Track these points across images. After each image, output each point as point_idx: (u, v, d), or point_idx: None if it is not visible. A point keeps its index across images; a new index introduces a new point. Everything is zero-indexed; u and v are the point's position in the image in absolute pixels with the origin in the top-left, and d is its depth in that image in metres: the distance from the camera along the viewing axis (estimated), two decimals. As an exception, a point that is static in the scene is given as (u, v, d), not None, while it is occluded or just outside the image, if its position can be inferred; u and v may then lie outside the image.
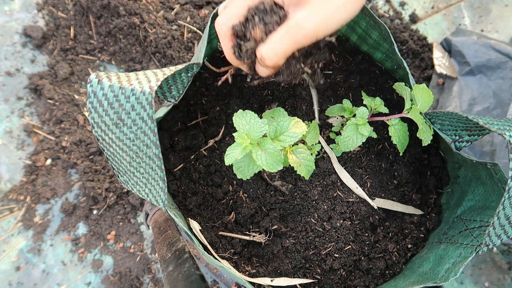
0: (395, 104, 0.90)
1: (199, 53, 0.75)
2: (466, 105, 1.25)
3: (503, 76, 1.24)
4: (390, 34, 0.75)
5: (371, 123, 0.79)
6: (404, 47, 1.38)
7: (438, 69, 1.30)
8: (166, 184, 0.61)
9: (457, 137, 0.75)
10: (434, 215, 0.88)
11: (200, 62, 0.71)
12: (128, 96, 0.54)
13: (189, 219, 0.77)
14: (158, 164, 0.59)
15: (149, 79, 0.56)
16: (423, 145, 0.75)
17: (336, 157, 0.84)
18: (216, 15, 0.77)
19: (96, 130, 0.59)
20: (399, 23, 1.47)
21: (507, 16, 1.49)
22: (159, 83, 0.55)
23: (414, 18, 1.48)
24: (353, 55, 0.93)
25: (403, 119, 0.77)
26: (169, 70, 0.61)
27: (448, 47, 1.37)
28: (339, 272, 0.81)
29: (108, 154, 0.63)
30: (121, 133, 0.58)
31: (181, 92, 0.76)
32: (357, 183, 0.84)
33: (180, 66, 0.65)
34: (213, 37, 0.79)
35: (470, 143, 0.74)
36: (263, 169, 0.82)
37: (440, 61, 1.32)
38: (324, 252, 0.81)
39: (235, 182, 0.84)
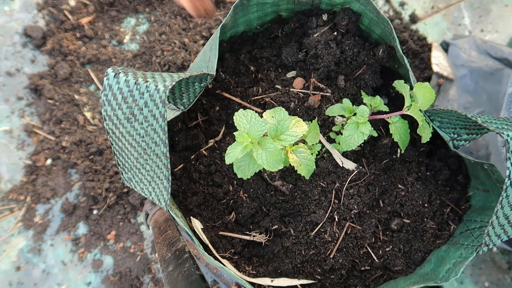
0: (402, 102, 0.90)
1: (208, 63, 0.76)
2: (461, 109, 1.25)
3: (499, 82, 1.24)
4: (393, 30, 0.76)
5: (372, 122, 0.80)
6: (404, 47, 1.38)
7: (435, 68, 1.30)
8: (170, 183, 0.61)
9: (456, 135, 0.75)
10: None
11: (214, 74, 0.72)
12: (142, 92, 0.55)
13: (191, 217, 0.77)
14: (164, 162, 0.59)
15: (164, 79, 0.57)
16: (422, 142, 0.75)
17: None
18: (224, 26, 0.78)
19: (107, 123, 0.60)
20: (399, 23, 1.47)
21: (507, 16, 1.50)
22: (174, 83, 0.56)
23: (414, 18, 1.48)
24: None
25: (404, 117, 0.77)
26: (184, 74, 0.63)
27: (446, 50, 1.38)
28: (339, 272, 0.81)
29: (116, 148, 0.64)
30: (131, 128, 0.59)
31: (191, 100, 0.77)
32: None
33: (195, 73, 0.66)
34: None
35: (468, 141, 0.74)
36: (263, 169, 0.82)
37: (438, 61, 1.32)
38: (325, 252, 0.81)
39: (235, 182, 0.84)
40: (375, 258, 0.82)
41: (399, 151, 0.88)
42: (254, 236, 0.81)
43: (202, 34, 1.38)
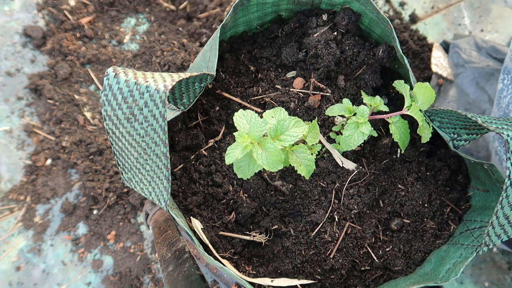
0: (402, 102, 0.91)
1: (208, 63, 0.76)
2: (462, 110, 1.25)
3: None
4: (393, 30, 0.76)
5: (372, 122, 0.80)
6: (404, 47, 1.38)
7: (434, 68, 1.30)
8: (170, 183, 0.61)
9: (456, 135, 0.75)
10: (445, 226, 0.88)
11: (214, 74, 0.72)
12: (142, 92, 0.55)
13: (191, 217, 0.77)
14: (164, 162, 0.60)
15: (164, 79, 0.57)
16: (422, 142, 0.75)
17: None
18: (224, 26, 0.78)
19: (107, 123, 0.60)
20: (399, 23, 1.47)
21: (507, 16, 1.50)
22: (174, 83, 0.56)
23: (414, 18, 1.48)
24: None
25: (404, 117, 0.77)
26: (184, 74, 0.63)
27: (446, 50, 1.37)
28: (339, 272, 0.81)
29: (116, 148, 0.64)
30: (131, 128, 0.59)
31: (191, 100, 0.77)
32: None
33: (195, 73, 0.66)
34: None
35: (468, 141, 0.74)
36: (263, 169, 0.82)
37: (438, 61, 1.32)
38: (325, 252, 0.81)
39: (235, 182, 0.84)
40: (375, 258, 0.82)
41: (399, 151, 0.88)
42: (254, 236, 0.81)
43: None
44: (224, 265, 0.68)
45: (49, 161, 1.29)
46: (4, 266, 1.21)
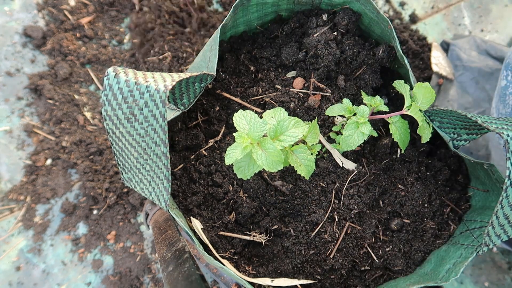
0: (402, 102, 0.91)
1: (208, 63, 0.76)
2: (462, 109, 1.25)
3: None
4: (393, 30, 0.76)
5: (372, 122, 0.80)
6: (404, 47, 1.38)
7: (435, 67, 1.30)
8: (170, 183, 0.61)
9: (456, 135, 0.75)
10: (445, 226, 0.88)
11: (214, 74, 0.72)
12: (142, 92, 0.55)
13: (191, 217, 0.77)
14: (164, 162, 0.60)
15: (164, 79, 0.57)
16: (422, 142, 0.75)
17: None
18: (224, 26, 0.78)
19: (107, 123, 0.60)
20: (399, 23, 1.47)
21: (507, 16, 1.50)
22: (174, 83, 0.56)
23: (414, 18, 1.48)
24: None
25: (404, 117, 0.77)
26: (184, 74, 0.63)
27: (446, 50, 1.38)
28: (339, 272, 0.81)
29: (116, 148, 0.64)
30: (132, 128, 0.59)
31: (191, 101, 0.77)
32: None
33: (195, 73, 0.66)
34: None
35: (468, 141, 0.74)
36: (263, 169, 0.82)
37: (438, 61, 1.32)
38: (325, 252, 0.81)
39: (235, 182, 0.84)
40: (375, 258, 0.83)
41: (399, 151, 0.88)
42: (254, 236, 0.81)
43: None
44: (224, 265, 0.68)
45: (49, 161, 1.29)
46: (4, 266, 1.21)
